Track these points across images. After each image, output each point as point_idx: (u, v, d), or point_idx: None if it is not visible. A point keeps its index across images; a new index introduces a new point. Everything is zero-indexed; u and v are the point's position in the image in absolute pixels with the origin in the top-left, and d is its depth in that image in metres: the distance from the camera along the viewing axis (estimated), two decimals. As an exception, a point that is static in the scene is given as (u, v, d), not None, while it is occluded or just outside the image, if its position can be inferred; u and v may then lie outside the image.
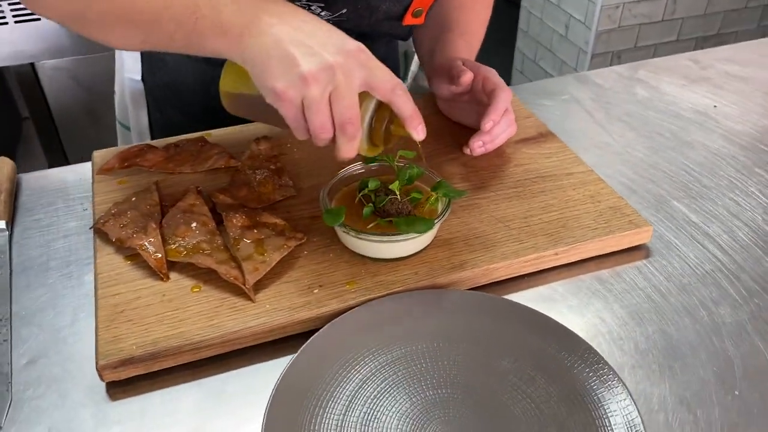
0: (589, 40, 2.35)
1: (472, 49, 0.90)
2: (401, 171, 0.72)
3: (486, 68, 0.82)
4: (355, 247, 0.69)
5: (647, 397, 0.60)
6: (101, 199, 0.77)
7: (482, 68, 0.82)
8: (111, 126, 1.14)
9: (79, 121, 1.90)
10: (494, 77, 0.81)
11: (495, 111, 0.78)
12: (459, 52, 0.87)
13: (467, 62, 0.83)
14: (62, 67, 1.81)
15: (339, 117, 0.59)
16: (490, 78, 0.81)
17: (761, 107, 1.01)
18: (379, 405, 0.58)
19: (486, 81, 0.81)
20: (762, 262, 0.73)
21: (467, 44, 0.90)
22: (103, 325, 0.62)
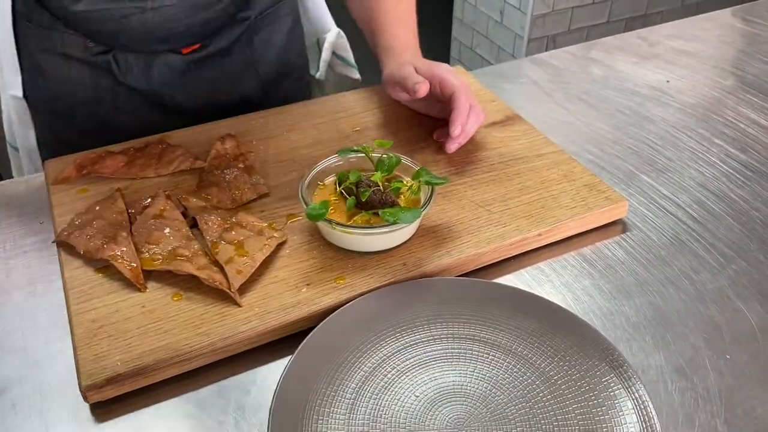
0: (525, 25, 2.38)
1: (411, 31, 0.89)
2: (380, 161, 0.70)
3: (439, 69, 0.81)
4: (340, 242, 0.67)
5: (645, 368, 0.60)
6: (61, 211, 0.73)
7: (435, 70, 0.80)
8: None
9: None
10: (450, 78, 0.79)
11: (460, 116, 0.77)
12: (401, 47, 0.86)
13: (420, 68, 0.81)
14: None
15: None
16: (445, 80, 0.79)
17: (710, 80, 1.04)
18: (384, 400, 0.56)
19: (443, 85, 0.79)
20: (734, 229, 0.75)
21: (405, 28, 0.89)
22: (82, 343, 0.59)
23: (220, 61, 0.92)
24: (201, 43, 0.90)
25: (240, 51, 0.93)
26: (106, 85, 0.89)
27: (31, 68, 0.91)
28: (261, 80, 0.97)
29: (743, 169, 0.85)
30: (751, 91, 1.01)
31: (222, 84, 0.93)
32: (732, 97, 1.00)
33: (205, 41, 0.90)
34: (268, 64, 0.97)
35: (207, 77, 0.92)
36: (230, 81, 0.94)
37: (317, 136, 0.84)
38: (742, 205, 0.79)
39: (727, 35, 1.18)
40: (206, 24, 0.87)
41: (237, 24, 0.92)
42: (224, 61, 0.93)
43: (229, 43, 0.92)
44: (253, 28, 0.94)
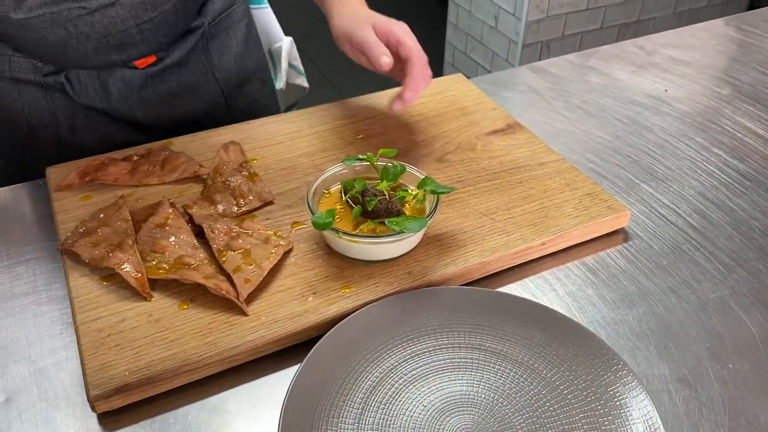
0: (520, 31, 2.40)
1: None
2: (385, 170, 0.71)
3: (397, 28, 0.79)
4: (346, 250, 0.67)
5: (649, 378, 0.61)
6: (65, 218, 0.73)
7: (393, 29, 0.78)
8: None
9: None
10: (407, 41, 0.78)
11: (414, 83, 0.77)
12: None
13: (378, 27, 0.78)
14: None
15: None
16: (403, 43, 0.78)
17: (707, 89, 1.05)
18: (392, 409, 0.56)
19: (400, 46, 0.78)
20: (733, 239, 0.76)
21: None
22: (89, 352, 0.58)
23: (177, 73, 0.91)
24: (156, 56, 0.88)
25: (197, 60, 0.92)
26: (62, 107, 0.87)
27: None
28: (221, 89, 0.96)
29: (741, 179, 0.86)
30: (748, 100, 1.03)
31: (182, 95, 0.92)
32: (729, 107, 1.01)
33: (160, 53, 0.88)
34: (227, 71, 0.96)
35: (166, 90, 0.90)
36: (190, 92, 0.93)
37: (320, 144, 0.84)
38: (741, 214, 0.80)
39: (722, 44, 1.20)
40: (157, 29, 0.84)
41: (190, 33, 0.90)
42: (182, 72, 0.91)
43: (185, 53, 0.90)
44: (208, 36, 0.93)
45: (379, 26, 0.78)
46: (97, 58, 0.83)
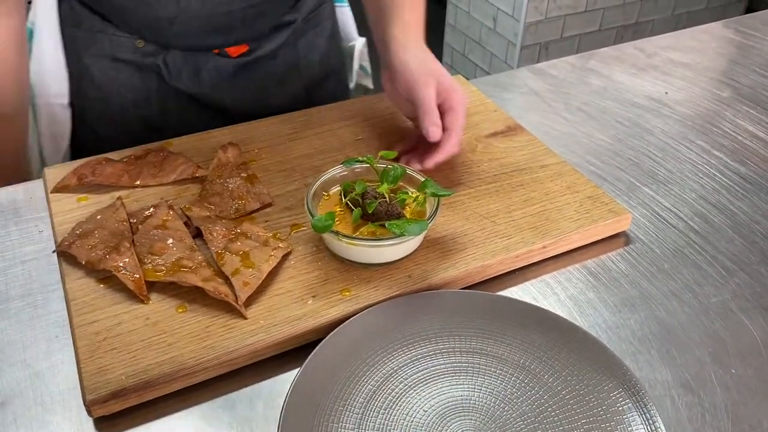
0: (518, 32, 2.39)
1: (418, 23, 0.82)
2: (385, 172, 0.70)
3: (456, 96, 0.76)
4: (346, 254, 0.67)
5: (651, 383, 0.60)
6: (61, 219, 0.72)
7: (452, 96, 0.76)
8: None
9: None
10: (459, 111, 0.75)
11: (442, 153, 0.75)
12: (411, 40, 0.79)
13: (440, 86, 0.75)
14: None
15: None
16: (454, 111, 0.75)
17: (707, 92, 1.05)
18: (392, 415, 0.56)
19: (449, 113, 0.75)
20: (735, 242, 0.76)
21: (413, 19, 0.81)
22: (86, 356, 0.58)
23: (266, 65, 0.94)
24: (249, 46, 0.91)
25: (285, 55, 0.95)
26: (155, 88, 0.91)
27: (79, 73, 0.91)
28: (305, 83, 0.99)
29: (742, 182, 0.85)
30: (748, 103, 1.02)
31: (268, 88, 0.95)
32: (730, 110, 1.01)
33: (252, 44, 0.91)
34: (312, 67, 0.99)
35: (254, 81, 0.94)
36: (276, 85, 0.96)
37: (320, 145, 0.84)
38: (742, 217, 0.79)
39: (722, 47, 1.19)
40: (258, 17, 0.88)
41: (283, 27, 0.94)
42: (270, 65, 0.94)
43: (276, 46, 0.93)
44: (298, 32, 0.96)
45: (441, 87, 0.76)
46: (198, 38, 0.87)
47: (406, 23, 0.79)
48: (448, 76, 0.77)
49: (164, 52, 0.88)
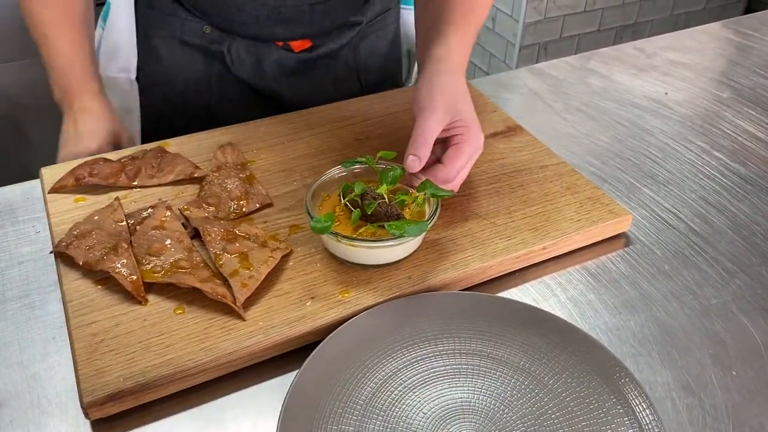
0: (517, 33, 2.39)
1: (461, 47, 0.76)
2: (384, 173, 0.70)
3: (465, 128, 0.69)
4: (345, 255, 0.66)
5: (652, 385, 0.60)
6: (58, 220, 0.71)
7: (462, 126, 0.70)
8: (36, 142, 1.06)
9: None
10: (461, 142, 0.69)
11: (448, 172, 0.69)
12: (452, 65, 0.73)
13: (460, 119, 0.69)
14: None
15: None
16: (458, 148, 0.69)
17: (707, 92, 1.05)
18: (392, 417, 0.55)
19: (454, 148, 0.69)
20: (735, 243, 0.75)
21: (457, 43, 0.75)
22: (83, 357, 0.57)
23: (326, 64, 0.95)
24: (312, 42, 0.92)
25: (346, 56, 0.96)
26: (218, 75, 0.93)
27: (148, 52, 0.94)
28: (361, 86, 1.00)
29: (743, 183, 0.85)
30: (748, 103, 1.02)
31: (326, 86, 0.96)
32: (729, 110, 1.00)
33: (316, 41, 0.93)
34: (370, 71, 1.00)
35: (313, 78, 0.95)
36: (333, 84, 0.97)
37: (318, 145, 0.83)
38: (742, 218, 0.79)
39: (722, 47, 1.19)
40: (326, 13, 0.90)
41: (348, 28, 0.94)
42: (330, 65, 0.96)
43: (338, 47, 0.94)
44: (362, 35, 0.96)
45: (456, 124, 0.69)
46: (263, 28, 0.89)
47: (450, 46, 0.74)
48: (469, 116, 0.70)
49: (229, 39, 0.90)
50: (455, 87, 0.71)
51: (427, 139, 0.68)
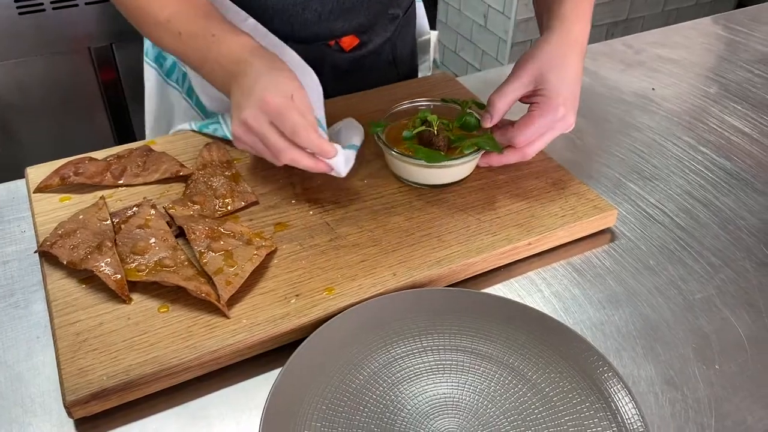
0: (509, 29, 2.39)
1: (577, 17, 0.76)
2: (460, 114, 0.77)
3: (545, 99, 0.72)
4: (389, 161, 0.77)
5: (635, 379, 0.60)
6: (43, 219, 0.71)
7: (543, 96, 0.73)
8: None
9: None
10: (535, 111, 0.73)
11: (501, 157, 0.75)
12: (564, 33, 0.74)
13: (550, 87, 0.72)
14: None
15: (271, 155, 0.67)
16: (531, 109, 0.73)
17: (694, 88, 1.05)
18: (377, 412, 0.56)
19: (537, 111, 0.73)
20: (720, 238, 0.76)
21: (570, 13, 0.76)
22: (66, 356, 0.57)
23: (371, 60, 0.96)
24: (360, 39, 0.93)
25: (386, 51, 0.97)
26: None
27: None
28: (399, 79, 1.01)
29: (728, 178, 0.85)
30: (735, 99, 1.02)
31: (371, 82, 0.97)
32: (716, 105, 1.01)
33: (363, 37, 0.93)
34: (405, 63, 1.02)
35: (363, 76, 0.96)
36: (376, 80, 0.97)
37: (305, 143, 0.83)
38: (727, 213, 0.79)
39: (710, 43, 1.19)
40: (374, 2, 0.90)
41: (390, 21, 0.95)
42: (374, 60, 0.97)
43: (383, 41, 0.96)
44: (399, 27, 0.98)
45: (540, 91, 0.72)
46: (324, 24, 0.88)
47: (563, 18, 0.74)
48: (555, 88, 0.72)
49: (287, 44, 0.86)
50: (554, 57, 0.72)
51: (503, 99, 0.73)
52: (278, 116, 0.64)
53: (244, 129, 0.66)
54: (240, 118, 0.65)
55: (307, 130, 0.64)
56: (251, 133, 0.66)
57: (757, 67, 1.11)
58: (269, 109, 0.64)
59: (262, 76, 0.65)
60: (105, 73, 1.78)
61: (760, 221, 0.78)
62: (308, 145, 0.65)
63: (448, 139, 0.75)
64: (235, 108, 0.66)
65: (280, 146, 0.65)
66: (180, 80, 0.98)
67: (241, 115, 0.65)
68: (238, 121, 0.66)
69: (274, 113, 0.64)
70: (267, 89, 0.64)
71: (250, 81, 0.66)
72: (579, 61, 0.73)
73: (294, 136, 0.64)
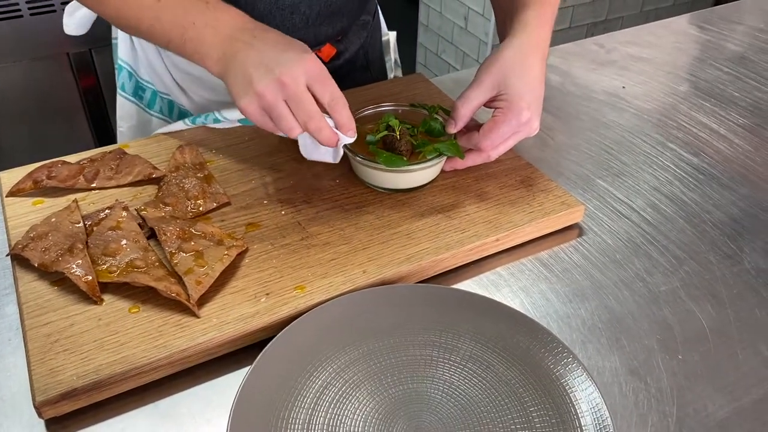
0: (489, 31, 2.41)
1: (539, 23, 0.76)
2: (425, 119, 0.79)
3: (509, 103, 0.73)
4: (354, 165, 0.78)
5: (600, 370, 0.62)
6: (15, 223, 0.72)
7: (507, 101, 0.73)
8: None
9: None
10: (499, 116, 0.73)
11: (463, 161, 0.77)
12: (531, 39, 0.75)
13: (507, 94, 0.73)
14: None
15: (300, 118, 0.65)
16: (495, 114, 0.74)
17: (665, 86, 1.07)
18: (343, 408, 0.56)
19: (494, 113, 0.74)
20: (686, 232, 0.77)
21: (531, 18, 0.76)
22: (36, 357, 0.58)
23: (347, 69, 0.97)
24: (337, 49, 0.94)
25: (360, 58, 0.99)
26: None
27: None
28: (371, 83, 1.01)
29: (695, 173, 0.87)
30: (704, 96, 1.04)
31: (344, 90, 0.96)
32: (686, 102, 1.02)
33: (339, 46, 0.94)
34: (376, 68, 1.03)
35: (342, 87, 0.95)
36: (350, 87, 0.97)
37: (278, 144, 0.84)
38: (693, 207, 0.81)
39: (681, 42, 1.21)
40: (355, 3, 0.91)
41: (361, 29, 0.96)
42: (350, 69, 0.98)
43: (357, 48, 0.97)
44: (370, 33, 0.99)
45: (504, 96, 0.73)
46: (312, 28, 0.88)
47: (526, 23, 0.75)
48: (518, 93, 0.72)
49: None
50: (516, 62, 0.73)
51: (466, 105, 0.74)
52: (320, 80, 0.65)
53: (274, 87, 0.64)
54: (275, 74, 0.63)
55: (344, 104, 0.67)
56: (283, 93, 0.64)
57: (726, 65, 1.13)
58: (310, 71, 0.64)
59: (290, 40, 0.67)
60: (84, 79, 1.78)
61: (724, 215, 0.80)
62: (342, 119, 0.67)
63: (411, 144, 0.75)
64: (259, 66, 0.64)
65: (314, 112, 0.65)
66: (165, 110, 0.98)
67: (276, 71, 0.63)
68: (270, 78, 0.64)
69: (315, 76, 0.65)
70: (304, 51, 0.65)
71: (278, 40, 0.66)
72: (541, 65, 0.74)
73: (333, 105, 0.66)
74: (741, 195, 0.83)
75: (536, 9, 0.76)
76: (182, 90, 0.94)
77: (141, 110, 0.99)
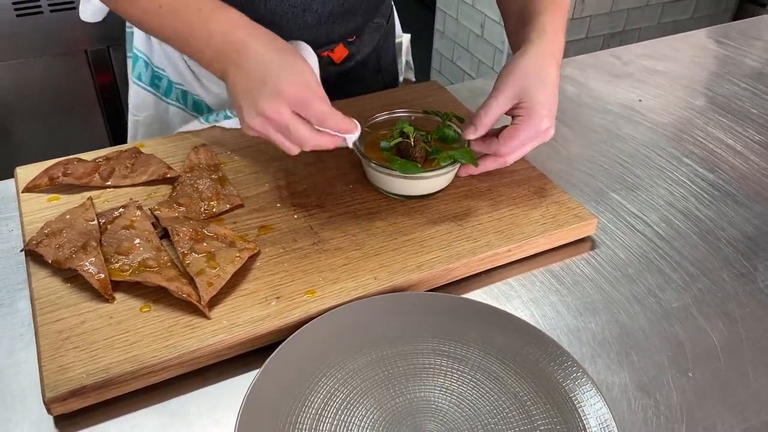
0: (505, 40, 2.41)
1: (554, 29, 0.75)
2: (439, 126, 0.78)
3: (528, 110, 0.73)
4: (367, 171, 0.78)
5: (609, 385, 0.61)
6: (31, 219, 0.72)
7: (527, 108, 0.73)
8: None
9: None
10: (519, 123, 0.73)
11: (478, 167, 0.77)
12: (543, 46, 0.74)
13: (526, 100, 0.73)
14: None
15: (294, 143, 0.67)
16: (515, 122, 0.74)
17: (681, 100, 1.06)
18: (350, 416, 0.56)
19: (514, 120, 0.74)
20: (699, 248, 0.77)
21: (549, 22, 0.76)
22: (47, 354, 0.58)
23: (359, 72, 0.97)
24: (349, 51, 0.94)
25: (372, 61, 0.99)
26: None
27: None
28: (382, 87, 1.02)
29: (711, 189, 0.86)
30: (721, 111, 1.04)
31: (355, 93, 0.97)
32: (702, 117, 1.02)
33: (351, 48, 0.94)
34: (388, 72, 1.03)
35: (346, 87, 0.97)
36: (361, 90, 0.98)
37: (292, 148, 0.84)
38: (708, 224, 0.81)
39: (699, 56, 1.21)
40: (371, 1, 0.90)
41: (375, 31, 0.96)
42: (360, 71, 0.98)
43: (369, 51, 0.97)
44: (384, 36, 0.99)
45: (524, 104, 0.73)
46: (324, 27, 0.88)
47: (543, 31, 0.75)
48: (537, 101, 0.72)
49: None
50: (534, 70, 0.73)
51: (488, 114, 0.74)
52: (302, 106, 0.64)
53: (261, 121, 0.64)
54: (258, 110, 0.64)
55: (333, 117, 0.65)
56: (271, 125, 0.65)
57: (744, 80, 1.13)
58: (290, 99, 0.63)
59: (269, 61, 0.64)
60: (101, 76, 1.79)
61: (739, 232, 0.79)
62: (336, 129, 0.67)
63: (425, 151, 0.76)
64: (245, 97, 0.64)
65: (306, 136, 0.65)
66: (179, 97, 0.98)
67: (258, 107, 0.63)
68: (254, 112, 0.64)
69: (296, 103, 0.64)
70: (281, 76, 0.63)
71: (256, 66, 0.64)
72: (557, 72, 0.74)
73: (322, 124, 0.66)
74: (756, 213, 0.82)
75: (549, 15, 0.76)
76: (196, 77, 0.95)
77: (158, 99, 0.99)
